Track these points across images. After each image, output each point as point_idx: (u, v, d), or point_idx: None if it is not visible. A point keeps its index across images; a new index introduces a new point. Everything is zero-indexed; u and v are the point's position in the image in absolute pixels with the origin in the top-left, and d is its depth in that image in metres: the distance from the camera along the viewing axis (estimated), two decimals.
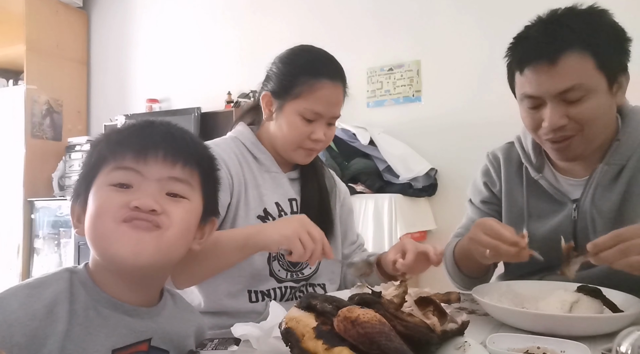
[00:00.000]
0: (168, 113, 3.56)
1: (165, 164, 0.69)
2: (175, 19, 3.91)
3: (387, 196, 2.55)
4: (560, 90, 1.04)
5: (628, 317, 0.84)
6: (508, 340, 0.77)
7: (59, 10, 4.09)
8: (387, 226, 2.50)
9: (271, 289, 1.14)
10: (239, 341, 0.85)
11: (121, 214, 0.66)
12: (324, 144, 1.20)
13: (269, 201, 1.17)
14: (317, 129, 1.16)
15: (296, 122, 1.15)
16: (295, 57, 1.21)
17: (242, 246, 0.99)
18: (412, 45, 2.98)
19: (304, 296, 0.70)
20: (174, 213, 0.69)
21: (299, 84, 1.14)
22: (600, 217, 1.11)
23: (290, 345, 0.64)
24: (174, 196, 0.70)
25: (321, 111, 1.15)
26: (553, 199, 1.19)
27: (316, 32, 3.13)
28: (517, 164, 1.27)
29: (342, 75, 1.21)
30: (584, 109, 1.04)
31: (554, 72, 1.04)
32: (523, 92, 1.11)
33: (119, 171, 0.68)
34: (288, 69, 1.18)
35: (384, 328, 0.61)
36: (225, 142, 1.21)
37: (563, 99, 1.05)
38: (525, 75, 1.09)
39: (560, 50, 1.03)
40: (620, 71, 1.07)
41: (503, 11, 2.70)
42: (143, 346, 0.69)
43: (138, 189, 0.68)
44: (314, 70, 1.16)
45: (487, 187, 1.31)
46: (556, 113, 1.06)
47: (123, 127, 0.75)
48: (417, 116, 2.95)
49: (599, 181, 1.12)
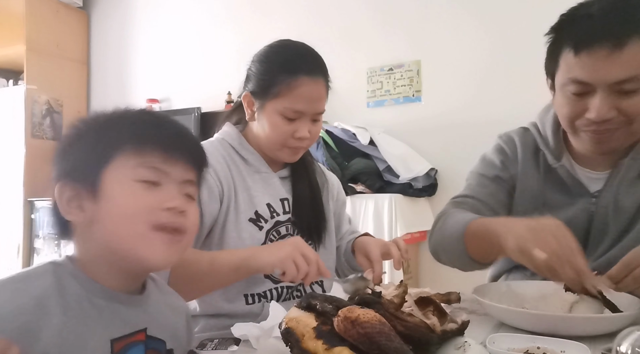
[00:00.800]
0: (168, 113, 3.55)
1: (186, 167, 0.70)
2: (175, 19, 3.91)
3: (387, 196, 2.55)
4: (619, 79, 0.95)
5: (628, 317, 0.84)
6: (508, 340, 0.77)
7: (59, 10, 4.09)
8: (387, 226, 2.50)
9: (267, 291, 1.13)
10: (239, 341, 0.85)
11: (153, 218, 0.65)
12: (310, 141, 1.17)
13: (259, 203, 1.16)
14: (300, 127, 1.13)
15: (278, 121, 1.13)
16: (272, 54, 1.18)
17: (237, 268, 0.99)
18: (412, 45, 2.98)
19: (304, 296, 0.70)
20: (192, 215, 0.70)
21: (277, 83, 1.12)
22: (622, 213, 1.08)
23: (290, 345, 0.64)
24: (188, 197, 0.71)
25: (302, 109, 1.12)
26: (569, 190, 1.14)
27: (316, 32, 3.14)
28: (532, 149, 1.21)
29: (321, 69, 1.16)
30: (635, 102, 0.97)
31: (616, 58, 0.94)
32: (572, 76, 1.01)
33: (146, 169, 0.66)
34: (265, 68, 1.16)
35: (384, 328, 0.61)
36: (212, 146, 1.19)
37: (617, 90, 0.97)
38: (580, 58, 0.98)
39: (628, 35, 0.93)
40: None
41: (503, 11, 2.70)
42: (140, 336, 0.68)
43: (165, 188, 0.67)
44: (291, 67, 1.12)
45: (503, 164, 1.23)
46: (606, 104, 0.97)
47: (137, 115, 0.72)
48: (417, 116, 2.95)
49: (624, 176, 1.09)
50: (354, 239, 1.29)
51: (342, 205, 1.40)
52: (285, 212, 1.19)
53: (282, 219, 1.18)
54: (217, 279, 1.01)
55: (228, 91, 3.41)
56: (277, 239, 1.17)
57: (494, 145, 1.28)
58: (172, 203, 0.66)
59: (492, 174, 1.23)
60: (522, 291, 1.04)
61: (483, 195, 1.22)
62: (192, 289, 1.01)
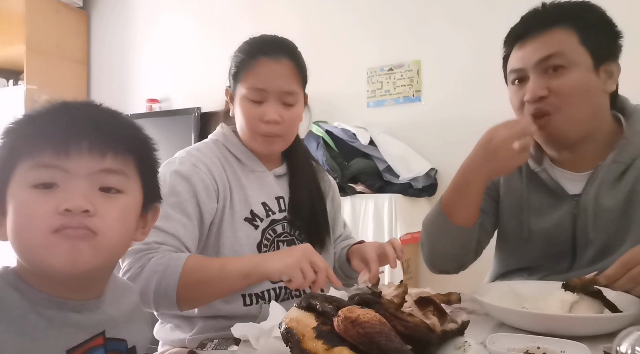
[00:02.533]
0: (168, 113, 3.56)
1: (93, 156, 0.61)
2: (175, 19, 3.91)
3: (387, 196, 2.55)
4: (541, 56, 1.08)
5: (628, 317, 0.84)
6: (508, 340, 0.77)
7: (59, 10, 4.09)
8: (387, 226, 2.50)
9: (265, 291, 1.13)
10: (239, 341, 0.85)
11: (51, 223, 0.58)
12: (284, 127, 1.15)
13: (254, 202, 1.16)
14: (268, 109, 1.12)
15: (245, 105, 1.14)
16: (241, 47, 1.21)
17: (246, 275, 0.98)
18: (412, 45, 2.98)
19: (304, 296, 0.70)
20: (109, 214, 0.62)
21: (240, 69, 1.15)
22: (603, 215, 1.10)
23: (290, 345, 0.64)
24: (108, 190, 0.63)
25: (263, 86, 1.12)
26: (552, 193, 1.17)
27: (316, 31, 3.14)
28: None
29: (284, 51, 1.16)
30: (564, 81, 1.07)
31: (538, 43, 1.09)
32: (510, 68, 1.16)
33: (39, 169, 0.59)
34: (233, 59, 1.21)
35: (384, 328, 0.61)
36: (206, 147, 1.19)
37: (544, 70, 1.08)
38: (514, 53, 1.15)
39: (546, 24, 1.09)
40: (608, 57, 1.09)
41: (503, 11, 2.70)
42: (99, 341, 0.65)
43: (65, 188, 0.60)
44: (250, 50, 1.16)
45: None
46: (537, 84, 1.09)
47: (36, 113, 0.64)
48: (417, 116, 2.94)
49: (604, 178, 1.11)
50: (349, 246, 1.29)
51: (338, 207, 1.40)
52: (281, 211, 1.20)
53: (277, 217, 1.18)
54: (226, 286, 1.01)
55: None
56: (273, 238, 1.17)
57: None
58: (67, 204, 0.58)
59: None
60: (522, 291, 1.04)
61: None
62: (202, 295, 1.02)
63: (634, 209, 1.08)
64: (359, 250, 1.21)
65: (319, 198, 1.28)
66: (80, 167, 0.60)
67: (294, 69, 1.16)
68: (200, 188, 1.09)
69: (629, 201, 1.09)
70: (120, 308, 0.71)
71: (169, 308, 0.99)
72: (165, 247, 1.02)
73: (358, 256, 1.20)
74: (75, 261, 0.60)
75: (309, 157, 1.34)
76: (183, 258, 0.98)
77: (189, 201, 1.08)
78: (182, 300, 0.98)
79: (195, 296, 1.01)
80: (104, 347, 0.65)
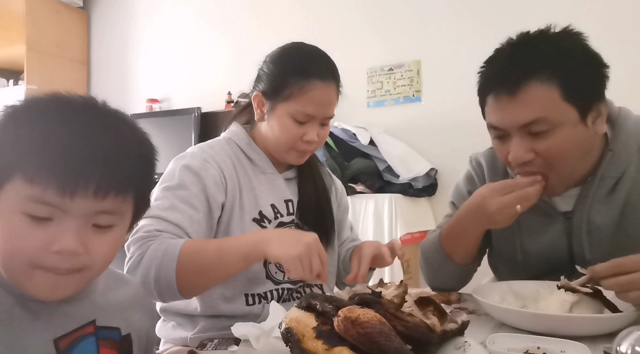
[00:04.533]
0: (168, 113, 3.56)
1: (96, 199, 0.58)
2: (175, 19, 3.91)
3: (387, 196, 2.55)
4: (522, 123, 0.97)
5: (628, 317, 0.84)
6: (508, 340, 0.77)
7: (59, 10, 4.09)
8: (387, 226, 2.50)
9: (268, 292, 1.13)
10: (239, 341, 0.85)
11: (38, 259, 0.56)
12: (318, 144, 1.18)
13: (264, 203, 1.15)
14: (309, 130, 1.13)
15: (288, 124, 1.12)
16: (286, 56, 1.18)
17: (246, 256, 0.95)
18: (412, 45, 2.98)
19: (304, 296, 0.70)
20: (99, 250, 0.60)
21: (289, 86, 1.11)
22: (598, 233, 1.07)
23: (290, 345, 0.64)
24: (101, 227, 0.60)
25: (313, 113, 1.12)
26: (542, 212, 1.14)
27: (316, 32, 3.13)
28: (502, 171, 1.21)
29: (334, 74, 1.17)
30: (551, 144, 0.97)
31: (516, 103, 0.97)
32: (488, 121, 1.05)
33: (37, 205, 0.56)
34: (278, 70, 1.15)
35: (384, 328, 0.61)
36: (219, 145, 1.19)
37: (528, 132, 0.98)
38: (489, 104, 1.03)
39: (521, 80, 0.96)
40: (595, 99, 0.99)
41: (503, 11, 2.70)
42: (89, 329, 0.64)
43: (59, 224, 0.57)
44: (304, 71, 1.12)
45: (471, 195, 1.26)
46: (521, 147, 0.99)
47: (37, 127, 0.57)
48: (417, 116, 2.94)
49: (594, 195, 1.06)
50: (353, 247, 1.29)
51: (345, 211, 1.40)
52: (289, 214, 1.19)
53: (285, 220, 1.18)
54: (225, 270, 0.98)
55: (228, 91, 3.41)
56: None
57: (465, 171, 1.32)
58: (59, 246, 0.56)
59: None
60: (522, 291, 1.04)
61: None
62: (200, 281, 0.98)
63: (630, 223, 1.04)
64: (357, 249, 1.21)
65: (326, 203, 1.28)
66: (80, 208, 0.57)
67: (337, 92, 1.18)
68: (210, 183, 1.09)
69: (623, 215, 1.05)
70: (113, 298, 0.70)
71: (172, 295, 0.97)
72: (166, 235, 1.00)
73: (356, 255, 1.20)
74: (56, 292, 0.59)
75: (318, 161, 1.34)
76: (180, 243, 0.96)
77: (197, 195, 1.07)
78: (182, 287, 0.95)
79: (195, 282, 0.98)
80: (95, 335, 0.64)
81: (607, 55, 1.01)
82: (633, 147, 1.06)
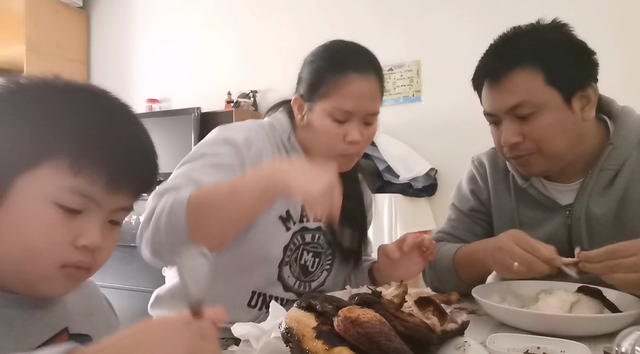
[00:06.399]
0: (168, 113, 3.55)
1: (128, 197, 0.58)
2: (175, 19, 3.91)
3: (387, 196, 2.55)
4: (508, 106, 1.05)
5: (628, 317, 0.84)
6: (508, 340, 0.77)
7: (59, 10, 4.09)
8: (387, 226, 2.50)
9: (273, 297, 1.11)
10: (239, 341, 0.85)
11: (64, 257, 0.54)
12: (362, 146, 1.09)
13: (294, 202, 1.09)
14: (350, 129, 1.05)
15: (327, 124, 1.04)
16: (320, 54, 1.11)
17: (263, 191, 0.85)
18: (412, 45, 2.98)
19: (304, 296, 0.70)
20: (108, 248, 0.59)
21: (324, 82, 1.04)
22: (596, 224, 1.09)
23: (290, 345, 0.64)
24: (115, 223, 0.60)
25: (351, 108, 1.04)
26: (543, 207, 1.17)
27: (316, 32, 3.13)
28: (503, 170, 1.24)
29: (373, 66, 1.08)
30: (536, 126, 1.04)
31: (502, 89, 1.06)
32: (483, 110, 1.14)
33: (74, 196, 0.53)
34: (314, 68, 1.09)
35: (384, 328, 0.61)
36: (263, 129, 1.10)
37: (515, 116, 1.05)
38: (484, 93, 1.12)
39: (504, 69, 1.05)
40: (580, 85, 1.04)
41: (503, 11, 2.70)
42: (63, 337, 0.61)
43: (87, 218, 0.55)
44: (339, 64, 1.05)
45: (475, 195, 1.28)
46: (509, 130, 1.07)
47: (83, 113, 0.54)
48: (417, 116, 2.94)
49: (593, 187, 1.10)
50: (372, 262, 1.24)
51: (369, 224, 1.32)
52: (317, 220, 1.13)
53: (310, 226, 1.14)
54: (239, 208, 0.87)
55: (228, 91, 3.41)
56: (299, 245, 1.13)
57: (467, 171, 1.33)
58: (87, 240, 0.55)
59: (466, 207, 1.29)
60: (522, 291, 1.05)
61: (460, 231, 1.29)
62: (212, 223, 0.88)
63: (627, 215, 1.07)
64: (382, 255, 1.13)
65: (361, 216, 1.21)
66: (112, 203, 0.56)
67: (379, 86, 1.09)
68: (248, 161, 1.02)
69: (621, 207, 1.08)
70: (78, 302, 0.67)
71: (183, 243, 0.82)
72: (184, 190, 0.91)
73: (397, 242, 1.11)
74: (68, 290, 0.58)
75: (360, 170, 1.26)
76: (193, 187, 0.89)
77: (233, 167, 0.99)
78: (194, 232, 0.85)
79: (208, 224, 0.87)
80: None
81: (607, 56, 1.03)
82: (633, 141, 1.09)
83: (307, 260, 1.15)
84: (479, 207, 1.28)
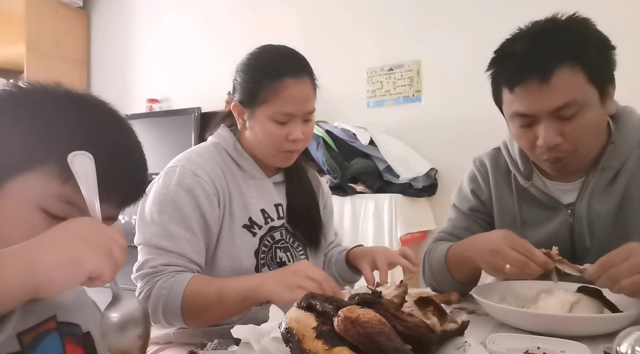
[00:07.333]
0: (168, 113, 3.55)
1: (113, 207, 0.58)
2: (175, 18, 3.90)
3: (387, 196, 2.55)
4: (555, 107, 1.00)
5: (628, 317, 0.84)
6: (508, 340, 0.77)
7: (59, 10, 4.09)
8: (387, 226, 2.50)
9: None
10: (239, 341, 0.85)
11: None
12: (304, 142, 1.17)
13: (254, 209, 1.16)
14: (292, 129, 1.13)
15: (269, 127, 1.12)
16: (254, 61, 1.18)
17: (244, 299, 0.98)
18: (412, 45, 2.98)
19: (304, 296, 0.70)
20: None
21: (262, 89, 1.11)
22: (598, 222, 1.10)
23: (290, 345, 0.64)
24: None
25: (292, 111, 1.11)
26: (545, 206, 1.17)
27: (316, 32, 3.13)
28: (505, 170, 1.25)
29: (305, 68, 1.16)
30: (578, 125, 1.01)
31: (547, 89, 0.99)
32: (514, 110, 1.06)
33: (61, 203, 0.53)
34: (249, 76, 1.16)
35: (384, 328, 0.61)
36: (207, 151, 1.18)
37: (557, 116, 1.02)
38: (516, 94, 1.04)
39: (551, 68, 0.99)
40: (609, 81, 1.05)
41: (503, 11, 2.70)
42: (51, 324, 0.61)
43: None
44: (274, 71, 1.12)
45: (475, 195, 1.28)
46: (551, 131, 1.02)
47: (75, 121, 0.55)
48: (417, 116, 2.94)
49: (595, 185, 1.10)
50: (346, 250, 1.29)
51: (330, 213, 1.39)
52: (280, 218, 1.20)
53: (276, 224, 1.18)
54: (225, 309, 1.01)
55: (228, 91, 3.40)
56: (271, 245, 1.17)
57: (468, 172, 1.33)
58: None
59: (466, 207, 1.29)
60: (522, 291, 1.05)
61: (461, 231, 1.28)
62: (204, 318, 1.03)
63: (627, 214, 1.08)
64: (370, 254, 1.19)
65: (314, 206, 1.28)
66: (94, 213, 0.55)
67: (312, 85, 1.16)
68: (203, 199, 1.09)
69: (621, 206, 1.08)
70: (69, 295, 0.67)
71: (181, 325, 1.06)
72: (171, 268, 1.03)
73: (368, 260, 1.19)
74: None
75: (305, 163, 1.34)
76: (184, 283, 1.00)
77: (192, 215, 1.08)
78: (189, 322, 1.02)
79: (200, 319, 1.03)
80: (57, 331, 0.62)
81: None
82: (634, 141, 1.10)
83: (282, 257, 1.19)
84: (480, 207, 1.28)
